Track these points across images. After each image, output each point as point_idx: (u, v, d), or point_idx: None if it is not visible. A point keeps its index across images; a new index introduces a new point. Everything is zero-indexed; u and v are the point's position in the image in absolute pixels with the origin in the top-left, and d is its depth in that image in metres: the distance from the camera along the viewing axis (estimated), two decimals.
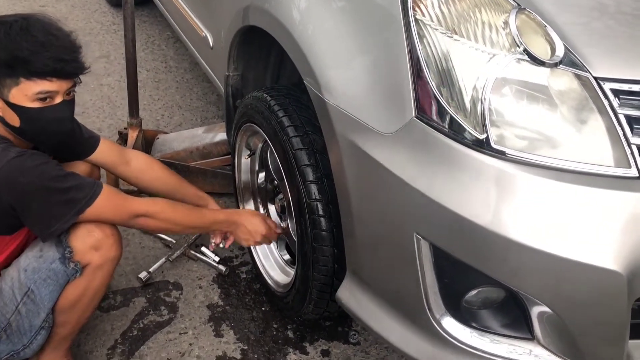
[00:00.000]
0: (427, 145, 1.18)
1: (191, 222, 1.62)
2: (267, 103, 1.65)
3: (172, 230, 1.62)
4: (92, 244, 1.44)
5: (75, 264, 1.44)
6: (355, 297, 1.48)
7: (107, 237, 1.46)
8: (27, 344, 1.50)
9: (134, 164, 1.77)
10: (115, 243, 1.49)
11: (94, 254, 1.45)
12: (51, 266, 1.43)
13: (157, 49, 3.58)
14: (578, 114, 1.17)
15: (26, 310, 1.45)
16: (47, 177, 1.36)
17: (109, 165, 1.76)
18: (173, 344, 1.81)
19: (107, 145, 1.74)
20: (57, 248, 1.43)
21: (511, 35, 1.15)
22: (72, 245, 1.43)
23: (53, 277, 1.44)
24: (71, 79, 1.42)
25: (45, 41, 1.36)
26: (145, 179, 1.80)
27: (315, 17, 1.41)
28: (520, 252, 1.13)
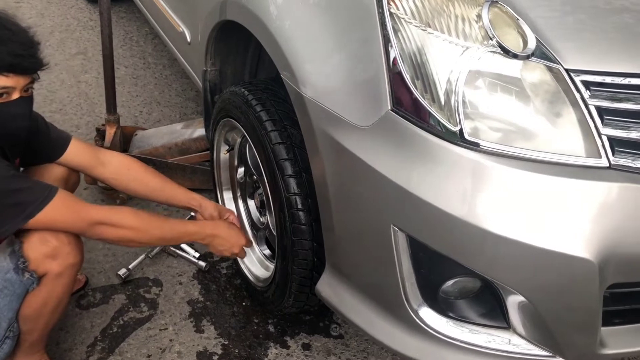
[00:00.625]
0: (403, 138, 1.19)
1: (157, 234, 1.54)
2: (245, 98, 1.65)
3: (136, 241, 1.52)
4: (47, 252, 1.39)
5: (30, 274, 1.39)
6: (334, 290, 1.49)
7: (63, 245, 1.41)
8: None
9: (111, 165, 1.71)
10: (73, 250, 1.43)
11: (51, 262, 1.40)
12: (6, 276, 1.38)
13: (136, 45, 3.56)
14: (550, 105, 1.19)
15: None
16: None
17: (84, 167, 1.70)
18: (153, 340, 1.81)
19: (79, 145, 1.67)
20: (11, 258, 1.38)
21: (484, 28, 1.16)
22: (27, 255, 1.38)
23: (9, 288, 1.39)
24: (29, 75, 1.39)
25: (1, 35, 1.33)
26: (124, 180, 1.73)
27: (291, 11, 1.42)
28: (495, 242, 1.15)
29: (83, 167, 1.70)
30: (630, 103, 1.19)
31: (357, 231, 1.36)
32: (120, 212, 1.50)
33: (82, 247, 1.48)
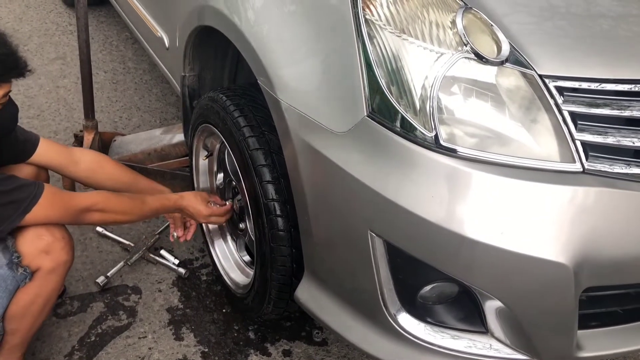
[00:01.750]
0: (379, 144, 1.19)
1: (138, 211, 1.61)
2: (222, 103, 1.64)
3: (121, 220, 1.61)
4: (42, 247, 1.42)
5: (24, 269, 1.42)
6: (313, 296, 1.48)
7: (57, 241, 1.45)
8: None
9: (83, 163, 1.73)
10: (66, 246, 1.47)
11: (44, 257, 1.43)
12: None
13: (115, 50, 3.52)
14: (525, 111, 1.19)
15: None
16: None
17: (55, 166, 1.71)
18: (132, 349, 1.79)
19: (49, 145, 1.69)
20: (4, 254, 1.40)
21: (458, 34, 1.17)
22: (21, 250, 1.41)
23: (2, 284, 1.41)
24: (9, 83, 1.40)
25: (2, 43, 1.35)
26: (97, 178, 1.76)
27: (268, 17, 1.41)
28: (471, 247, 1.15)
29: (55, 166, 1.72)
30: (607, 109, 1.20)
31: (335, 237, 1.36)
32: (102, 195, 1.55)
33: (73, 246, 1.51)
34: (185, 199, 1.73)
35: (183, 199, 1.73)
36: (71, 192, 1.52)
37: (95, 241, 2.14)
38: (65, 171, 1.74)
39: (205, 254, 2.13)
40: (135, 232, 2.18)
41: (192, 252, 2.15)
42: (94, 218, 1.51)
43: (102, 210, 1.51)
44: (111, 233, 2.14)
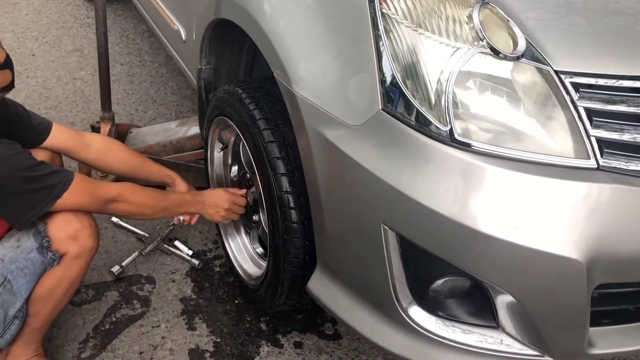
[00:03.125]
0: (394, 137, 1.20)
1: (162, 205, 1.65)
2: (238, 96, 1.66)
3: (145, 213, 1.63)
4: (70, 233, 1.46)
5: (53, 253, 1.46)
6: (325, 288, 1.49)
7: (84, 228, 1.48)
8: (0, 334, 1.49)
9: (94, 146, 1.78)
10: (92, 233, 1.51)
11: (72, 243, 1.47)
12: (29, 256, 1.44)
13: (132, 43, 3.56)
14: (540, 107, 1.19)
15: (2, 300, 1.45)
16: (22, 167, 1.38)
17: (68, 150, 1.75)
18: (146, 337, 1.82)
19: (61, 130, 1.73)
20: (35, 238, 1.45)
21: (474, 29, 1.17)
22: (50, 234, 1.45)
23: (30, 267, 1.45)
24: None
25: None
26: (107, 160, 1.80)
27: (285, 11, 1.42)
28: (484, 241, 1.16)
29: (67, 150, 1.76)
30: (623, 105, 1.20)
31: (348, 229, 1.37)
32: (130, 188, 1.58)
33: (99, 234, 1.56)
34: (206, 195, 1.77)
35: (204, 195, 1.77)
36: (99, 181, 1.55)
37: (111, 231, 2.17)
38: (77, 155, 1.78)
39: (219, 246, 2.15)
40: (150, 223, 2.20)
41: (205, 243, 2.17)
42: (119, 208, 1.55)
43: (128, 201, 1.55)
44: (126, 223, 2.17)
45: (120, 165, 1.82)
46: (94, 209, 1.52)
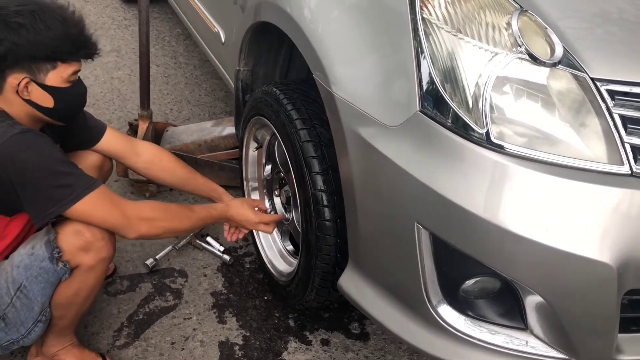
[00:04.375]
0: (430, 138, 1.24)
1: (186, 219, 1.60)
2: (276, 97, 1.71)
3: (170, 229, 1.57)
4: (80, 245, 1.44)
5: (64, 264, 1.44)
6: (356, 286, 1.53)
7: (97, 240, 1.45)
8: (24, 335, 1.51)
9: (144, 155, 1.79)
10: (106, 244, 1.48)
11: (83, 255, 1.45)
12: (41, 264, 1.43)
13: (168, 45, 3.65)
14: (575, 113, 1.22)
15: (20, 304, 1.46)
16: (50, 158, 1.37)
17: (118, 155, 1.78)
18: (177, 329, 1.87)
19: (114, 134, 1.75)
20: (47, 247, 1.43)
21: (513, 35, 1.20)
22: (61, 245, 1.43)
23: (44, 275, 1.44)
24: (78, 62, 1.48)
25: (75, 24, 1.43)
26: (155, 170, 1.81)
27: (325, 14, 1.47)
28: (516, 242, 1.19)
29: (117, 155, 1.78)
30: None
31: (381, 228, 1.40)
32: (153, 206, 1.55)
33: (115, 242, 1.53)
34: (232, 207, 1.74)
35: (230, 208, 1.74)
36: (123, 198, 1.50)
37: None
38: (126, 161, 1.80)
39: (249, 243, 2.20)
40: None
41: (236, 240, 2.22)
42: (141, 229, 1.49)
43: (151, 220, 1.50)
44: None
45: (167, 176, 1.82)
46: (111, 225, 1.46)
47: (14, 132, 1.35)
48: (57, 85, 1.43)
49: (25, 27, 1.35)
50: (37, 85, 1.41)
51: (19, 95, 1.41)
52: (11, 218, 1.48)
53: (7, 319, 1.49)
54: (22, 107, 1.43)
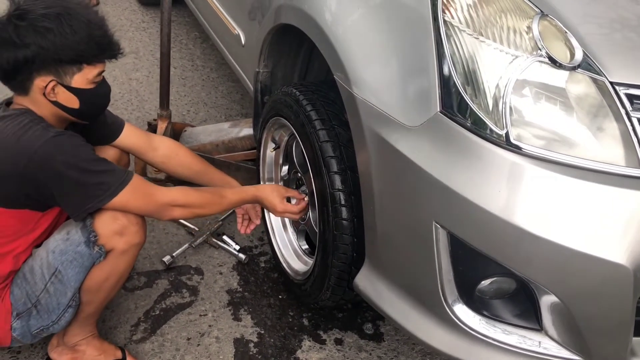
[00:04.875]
0: (450, 139, 1.26)
1: (217, 204, 1.65)
2: (296, 98, 1.74)
3: (201, 214, 1.66)
4: (116, 229, 1.49)
5: (99, 248, 1.49)
6: (372, 284, 1.55)
7: (131, 224, 1.51)
8: (55, 321, 1.56)
9: (161, 149, 1.84)
10: (140, 230, 1.54)
11: (118, 239, 1.50)
12: (77, 249, 1.48)
13: (185, 48, 3.70)
14: (593, 116, 1.24)
15: (54, 289, 1.51)
16: (83, 158, 1.42)
17: (136, 150, 1.82)
18: (193, 325, 1.89)
19: (132, 130, 1.80)
20: (83, 232, 1.48)
21: (533, 39, 1.23)
22: (97, 230, 1.48)
23: (79, 259, 1.49)
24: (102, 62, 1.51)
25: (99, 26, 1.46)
26: (172, 164, 1.86)
27: (347, 16, 1.50)
28: (533, 242, 1.20)
29: (136, 150, 1.82)
30: None
31: (399, 227, 1.42)
32: (184, 192, 1.60)
33: (146, 229, 1.59)
34: (261, 191, 1.76)
35: (259, 191, 1.76)
36: (155, 185, 1.56)
37: (162, 223, 2.27)
38: (144, 156, 1.85)
39: (264, 243, 2.22)
40: (200, 218, 2.29)
41: (252, 240, 2.25)
42: (175, 213, 1.57)
43: (183, 205, 1.57)
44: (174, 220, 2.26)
45: (182, 170, 1.87)
46: (147, 212, 1.54)
47: (50, 135, 1.39)
48: (83, 86, 1.47)
49: (53, 32, 1.38)
50: (63, 88, 1.45)
51: (45, 97, 1.45)
52: (43, 213, 1.53)
53: (40, 305, 1.54)
54: (48, 107, 1.48)
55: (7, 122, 1.42)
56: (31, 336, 1.58)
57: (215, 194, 1.68)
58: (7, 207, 1.46)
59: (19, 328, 1.55)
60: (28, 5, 1.40)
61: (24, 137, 1.39)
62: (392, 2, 1.41)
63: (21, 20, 1.38)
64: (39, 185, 1.42)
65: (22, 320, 1.54)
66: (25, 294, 1.53)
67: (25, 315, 1.54)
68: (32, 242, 1.54)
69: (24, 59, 1.38)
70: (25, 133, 1.39)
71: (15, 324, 1.54)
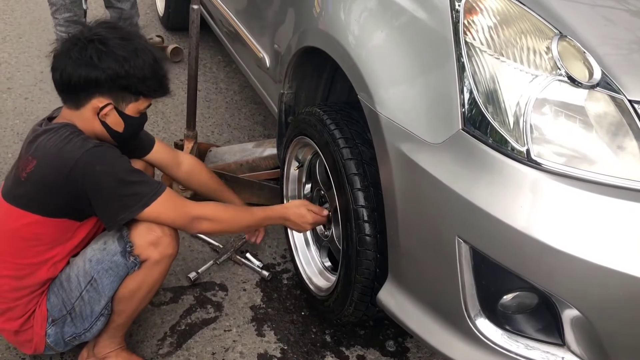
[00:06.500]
0: (472, 155, 1.30)
1: (244, 224, 1.76)
2: (320, 117, 1.79)
3: (228, 230, 1.75)
4: (151, 240, 1.56)
5: (135, 258, 1.56)
6: (395, 299, 1.58)
7: (165, 236, 1.58)
8: (88, 328, 1.63)
9: (184, 167, 1.96)
10: (173, 241, 1.61)
11: (153, 250, 1.57)
12: (113, 258, 1.55)
13: (209, 72, 3.79)
14: (612, 133, 1.27)
15: (89, 297, 1.58)
16: (120, 169, 1.50)
17: (162, 165, 1.93)
18: (218, 340, 1.93)
19: (162, 146, 1.91)
20: (119, 242, 1.55)
21: (553, 59, 1.27)
22: (133, 240, 1.55)
23: (114, 269, 1.56)
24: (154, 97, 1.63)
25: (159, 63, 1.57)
26: (192, 181, 2.00)
27: (370, 38, 1.56)
28: (555, 256, 1.22)
29: (162, 165, 1.94)
30: None
31: (422, 242, 1.45)
32: (214, 207, 1.69)
33: (179, 241, 1.66)
34: (288, 208, 1.84)
35: (287, 209, 1.84)
36: (186, 199, 1.65)
37: (187, 241, 2.32)
38: (168, 171, 1.96)
39: (287, 260, 2.26)
40: (224, 235, 2.34)
41: (274, 257, 2.29)
42: (203, 227, 1.64)
43: (212, 219, 1.64)
44: (202, 235, 2.32)
45: (201, 187, 2.02)
46: (178, 224, 1.60)
47: (89, 147, 1.47)
48: (132, 114, 1.58)
49: (129, 63, 1.49)
50: (116, 112, 1.55)
51: (98, 116, 1.54)
52: (81, 223, 1.60)
53: (74, 312, 1.60)
54: (92, 124, 1.56)
55: (50, 134, 1.51)
56: (64, 343, 1.63)
57: (243, 211, 1.77)
58: (47, 216, 1.53)
59: (53, 334, 1.61)
60: (106, 32, 1.52)
61: (65, 147, 1.47)
62: (414, 25, 1.46)
63: (103, 46, 1.48)
64: (78, 195, 1.48)
65: (56, 327, 1.60)
66: (61, 300, 1.59)
67: (60, 322, 1.60)
68: (70, 251, 1.61)
69: (95, 80, 1.48)
70: (67, 144, 1.47)
71: (50, 330, 1.60)
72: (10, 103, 3.19)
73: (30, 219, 1.52)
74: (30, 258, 1.56)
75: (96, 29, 1.53)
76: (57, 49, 1.53)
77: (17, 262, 1.56)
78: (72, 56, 1.49)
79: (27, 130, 1.77)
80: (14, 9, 4.38)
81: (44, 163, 1.48)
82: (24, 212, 1.52)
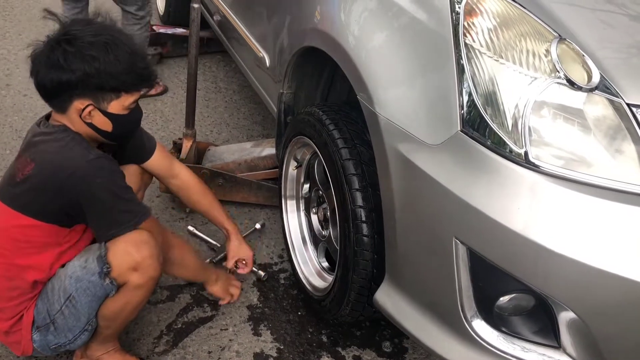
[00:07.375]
0: (470, 157, 1.30)
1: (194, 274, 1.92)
2: (319, 117, 1.79)
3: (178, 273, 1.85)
4: (129, 264, 1.52)
5: (111, 281, 1.52)
6: (392, 300, 1.58)
7: (145, 259, 1.53)
8: (71, 340, 1.61)
9: (178, 181, 1.95)
10: (153, 263, 1.56)
11: (132, 273, 1.53)
12: (91, 278, 1.52)
13: (208, 71, 3.79)
14: (610, 136, 1.27)
15: (69, 313, 1.56)
16: (117, 185, 1.51)
17: (158, 174, 1.93)
18: (214, 339, 1.93)
19: (161, 155, 1.89)
20: (98, 262, 1.52)
21: (552, 62, 1.27)
22: (110, 262, 1.52)
23: (92, 289, 1.53)
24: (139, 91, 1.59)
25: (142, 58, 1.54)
26: (182, 197, 2.00)
27: (370, 39, 1.56)
28: (551, 258, 1.23)
29: (157, 174, 1.93)
30: None
31: (420, 243, 1.46)
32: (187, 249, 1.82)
33: (162, 261, 1.61)
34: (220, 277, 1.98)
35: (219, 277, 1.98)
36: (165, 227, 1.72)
37: (185, 239, 2.32)
38: (163, 180, 1.97)
39: (284, 260, 2.26)
40: (222, 234, 2.33)
41: (271, 257, 2.29)
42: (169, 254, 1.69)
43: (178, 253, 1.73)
44: (200, 232, 2.32)
45: (189, 204, 2.05)
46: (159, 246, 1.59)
47: (91, 158, 1.47)
48: (118, 112, 1.54)
49: (99, 60, 1.45)
50: (99, 112, 1.52)
51: (81, 118, 1.52)
52: (70, 229, 1.58)
53: (57, 323, 1.58)
54: (82, 127, 1.54)
55: (50, 139, 1.50)
56: (50, 350, 1.63)
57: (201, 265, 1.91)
58: (39, 220, 1.51)
59: (38, 340, 1.60)
60: (77, 31, 1.48)
61: (67, 154, 1.47)
62: (414, 26, 1.47)
63: (70, 46, 1.44)
64: (72, 203, 1.48)
65: (40, 334, 1.59)
66: (46, 309, 1.58)
67: (44, 330, 1.59)
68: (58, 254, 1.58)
69: (67, 83, 1.45)
70: (68, 151, 1.47)
71: (35, 336, 1.60)
72: (9, 100, 3.19)
73: (22, 221, 1.51)
74: (18, 259, 1.54)
75: (69, 27, 1.49)
76: (33, 53, 1.50)
77: (5, 263, 1.55)
78: (42, 60, 1.46)
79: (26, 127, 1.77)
80: (13, 5, 4.38)
81: (42, 167, 1.47)
82: (17, 213, 1.51)
